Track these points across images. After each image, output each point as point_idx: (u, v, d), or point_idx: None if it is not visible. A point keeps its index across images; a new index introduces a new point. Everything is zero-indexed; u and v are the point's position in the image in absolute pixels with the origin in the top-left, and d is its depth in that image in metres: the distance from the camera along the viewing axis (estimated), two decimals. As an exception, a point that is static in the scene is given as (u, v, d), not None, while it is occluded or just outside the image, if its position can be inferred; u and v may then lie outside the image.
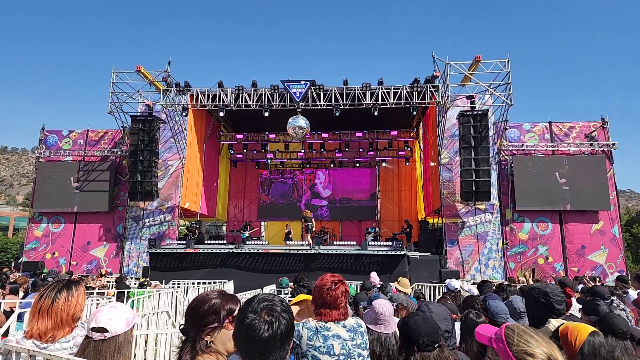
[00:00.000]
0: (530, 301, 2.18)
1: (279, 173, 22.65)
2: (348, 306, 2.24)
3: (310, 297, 2.31)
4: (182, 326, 1.43)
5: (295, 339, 1.97)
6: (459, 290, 6.47)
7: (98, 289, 8.61)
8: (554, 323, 1.89)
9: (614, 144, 15.08)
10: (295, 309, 2.36)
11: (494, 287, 5.97)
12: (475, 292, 7.01)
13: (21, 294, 6.36)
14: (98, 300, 5.57)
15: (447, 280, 6.85)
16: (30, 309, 1.90)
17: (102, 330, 1.61)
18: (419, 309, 2.14)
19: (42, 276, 9.86)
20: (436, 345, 1.74)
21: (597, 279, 10.82)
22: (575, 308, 3.42)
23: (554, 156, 15.16)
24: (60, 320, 1.84)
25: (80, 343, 1.80)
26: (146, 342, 3.92)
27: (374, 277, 7.07)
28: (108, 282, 10.88)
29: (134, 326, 1.76)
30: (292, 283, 7.56)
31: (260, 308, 1.21)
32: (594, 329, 1.62)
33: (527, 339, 1.28)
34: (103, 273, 11.58)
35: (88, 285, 8.85)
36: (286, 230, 17.18)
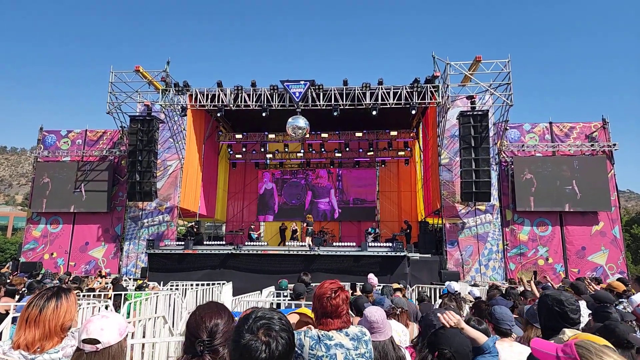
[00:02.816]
0: (543, 309, 2.09)
1: (291, 173, 22.51)
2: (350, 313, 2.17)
3: (308, 314, 2.24)
4: (205, 341, 1.38)
5: (297, 348, 1.89)
6: (459, 293, 6.41)
7: (98, 291, 8.52)
8: (568, 334, 1.78)
9: (614, 145, 15.01)
10: (294, 318, 2.28)
11: (500, 292, 5.88)
12: (477, 293, 6.95)
13: (17, 296, 6.28)
14: (94, 303, 5.49)
15: (447, 283, 6.79)
16: (18, 318, 1.82)
17: (94, 341, 1.53)
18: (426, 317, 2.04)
19: (38, 278, 9.77)
20: None
21: (599, 280, 10.73)
22: (585, 313, 3.35)
23: (554, 157, 15.10)
24: (48, 330, 1.76)
25: (70, 353, 1.72)
26: (143, 346, 3.84)
27: (372, 278, 7.01)
28: (107, 283, 10.78)
29: (127, 335, 1.69)
30: (292, 285, 7.48)
31: (257, 327, 1.13)
32: (607, 343, 1.50)
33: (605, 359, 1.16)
34: (103, 274, 11.45)
35: (88, 287, 8.75)
36: (293, 229, 17.15)
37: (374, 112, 14.41)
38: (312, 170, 22.28)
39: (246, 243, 15.90)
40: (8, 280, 8.06)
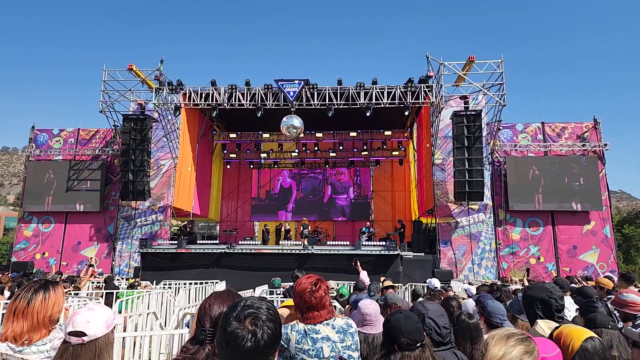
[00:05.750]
0: (528, 302, 2.12)
1: (309, 169, 22.38)
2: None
3: None
4: (208, 331, 1.38)
5: (283, 342, 1.91)
6: (440, 290, 6.52)
7: (90, 288, 8.45)
8: (541, 325, 1.81)
9: (605, 145, 15.20)
10: (285, 312, 2.29)
11: (487, 287, 5.97)
12: (474, 291, 7.05)
13: (7, 293, 6.24)
14: (85, 301, 5.46)
15: (428, 280, 6.94)
16: (6, 310, 1.82)
17: (80, 334, 1.53)
18: (413, 308, 2.10)
19: (30, 276, 9.69)
20: (418, 345, 1.68)
21: (589, 278, 10.85)
22: (572, 308, 3.40)
23: (546, 157, 15.25)
24: (36, 322, 1.76)
25: (58, 346, 1.72)
26: (134, 343, 3.84)
27: (364, 276, 7.07)
28: (99, 282, 10.68)
29: (114, 328, 1.69)
30: (285, 284, 7.49)
31: (245, 316, 1.13)
32: (591, 333, 1.54)
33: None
34: (92, 263, 10.93)
35: (79, 285, 8.67)
36: (285, 229, 17.12)
37: (368, 114, 14.46)
38: (332, 167, 22.13)
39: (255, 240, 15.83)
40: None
